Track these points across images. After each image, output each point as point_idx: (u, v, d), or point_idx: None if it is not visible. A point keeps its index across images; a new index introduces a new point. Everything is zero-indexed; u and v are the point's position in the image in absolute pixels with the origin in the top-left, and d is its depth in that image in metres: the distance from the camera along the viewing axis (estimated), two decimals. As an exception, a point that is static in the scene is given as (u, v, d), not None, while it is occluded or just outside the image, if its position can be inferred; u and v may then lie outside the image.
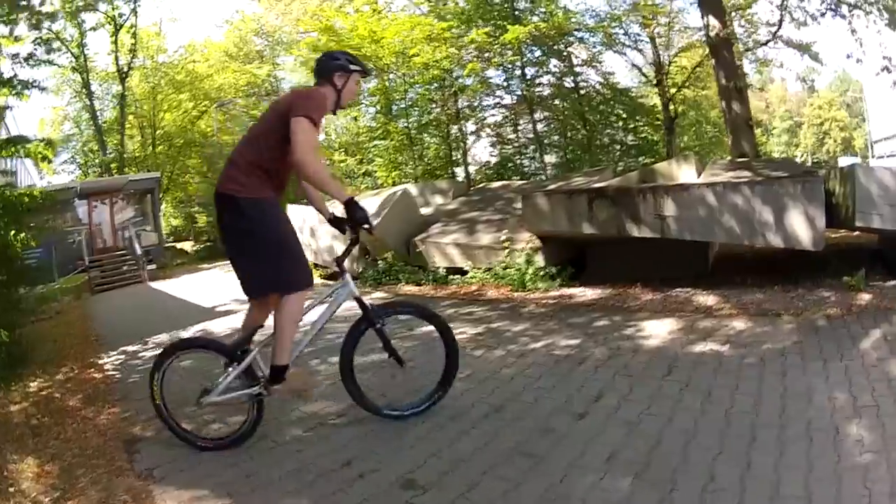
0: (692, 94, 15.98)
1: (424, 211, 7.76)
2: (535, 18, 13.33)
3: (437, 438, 2.47)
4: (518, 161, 14.73)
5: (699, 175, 6.38)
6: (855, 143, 58.59)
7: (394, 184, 13.98)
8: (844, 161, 50.93)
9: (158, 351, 2.68)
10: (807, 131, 61.77)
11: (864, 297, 4.00)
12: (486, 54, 13.08)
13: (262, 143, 2.39)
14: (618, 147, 14.81)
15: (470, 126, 15.23)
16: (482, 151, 16.10)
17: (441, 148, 14.84)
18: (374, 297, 6.36)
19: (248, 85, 21.65)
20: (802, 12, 14.53)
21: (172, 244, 22.51)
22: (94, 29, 19.72)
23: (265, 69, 21.08)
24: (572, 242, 5.72)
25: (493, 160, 15.22)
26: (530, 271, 5.46)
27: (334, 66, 2.54)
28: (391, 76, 14.15)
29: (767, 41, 20.60)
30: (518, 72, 14.32)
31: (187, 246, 22.53)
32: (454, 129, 14.72)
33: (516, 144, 15.06)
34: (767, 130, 63.24)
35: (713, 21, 10.34)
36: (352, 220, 2.36)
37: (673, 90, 14.87)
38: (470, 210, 7.14)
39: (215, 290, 9.09)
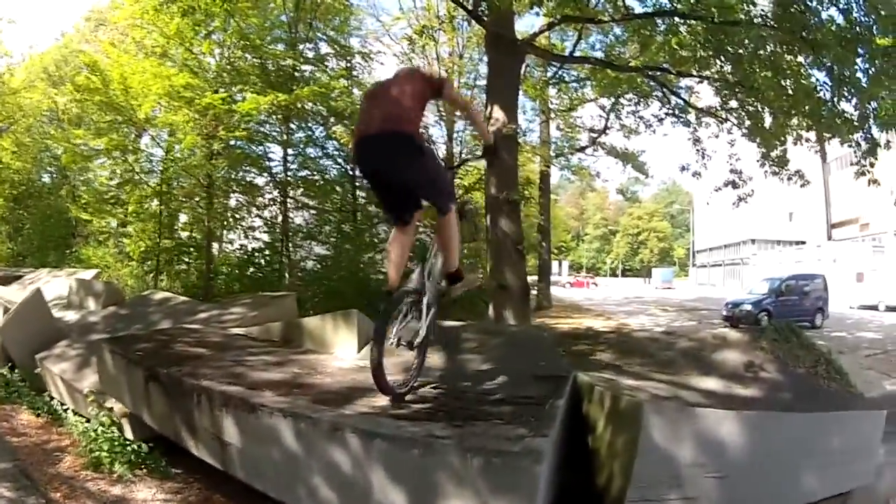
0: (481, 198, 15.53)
1: (72, 318, 6.07)
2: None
3: None
4: (275, 253, 12.99)
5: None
6: (675, 253, 66.11)
7: (141, 255, 12.38)
8: (658, 273, 53.59)
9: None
10: (620, 240, 68.00)
11: None
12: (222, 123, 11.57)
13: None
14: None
15: (233, 202, 13.71)
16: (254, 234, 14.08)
17: (193, 224, 13.23)
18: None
19: (49, 111, 18.68)
20: (635, 118, 13.47)
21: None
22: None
23: (67, 98, 18.06)
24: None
25: (255, 246, 13.21)
26: (105, 447, 3.71)
27: None
28: (138, 132, 12.67)
29: (584, 148, 19.98)
30: (279, 150, 13.23)
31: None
32: (214, 203, 13.06)
33: (280, 232, 13.39)
34: (579, 237, 68.21)
35: (498, 113, 8.17)
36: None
37: (460, 191, 13.85)
38: (107, 329, 5.48)
39: None
